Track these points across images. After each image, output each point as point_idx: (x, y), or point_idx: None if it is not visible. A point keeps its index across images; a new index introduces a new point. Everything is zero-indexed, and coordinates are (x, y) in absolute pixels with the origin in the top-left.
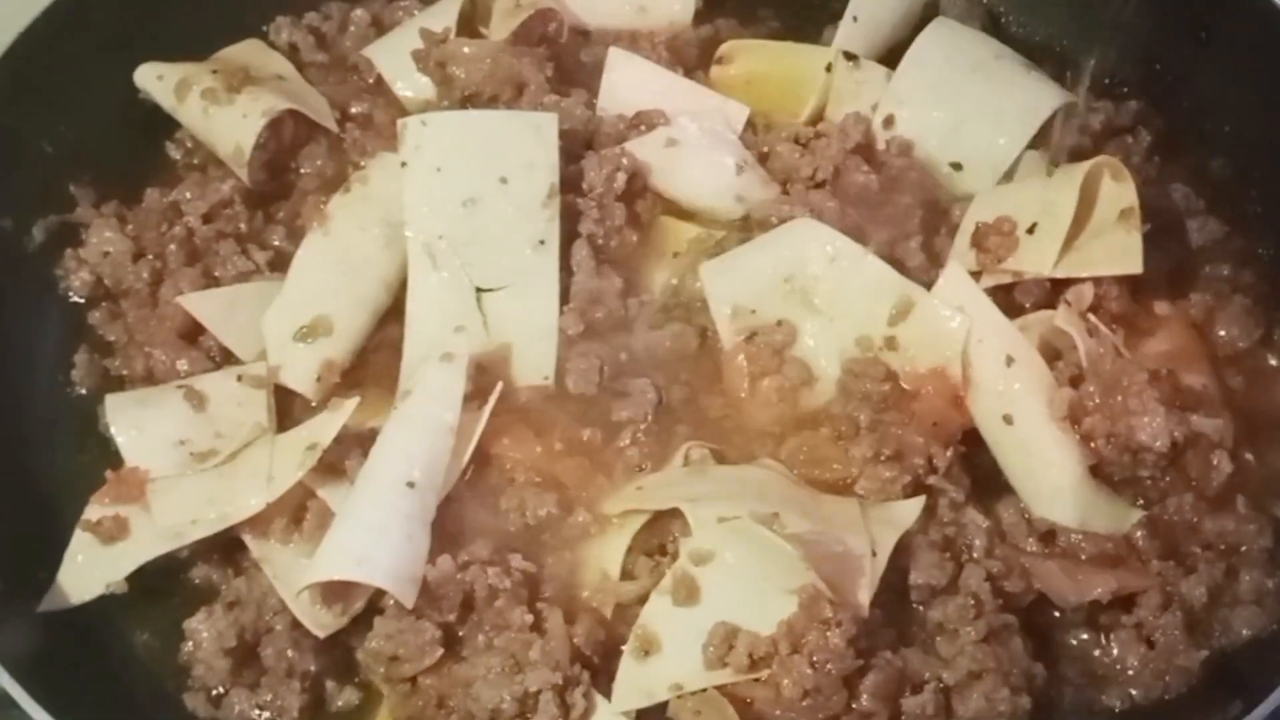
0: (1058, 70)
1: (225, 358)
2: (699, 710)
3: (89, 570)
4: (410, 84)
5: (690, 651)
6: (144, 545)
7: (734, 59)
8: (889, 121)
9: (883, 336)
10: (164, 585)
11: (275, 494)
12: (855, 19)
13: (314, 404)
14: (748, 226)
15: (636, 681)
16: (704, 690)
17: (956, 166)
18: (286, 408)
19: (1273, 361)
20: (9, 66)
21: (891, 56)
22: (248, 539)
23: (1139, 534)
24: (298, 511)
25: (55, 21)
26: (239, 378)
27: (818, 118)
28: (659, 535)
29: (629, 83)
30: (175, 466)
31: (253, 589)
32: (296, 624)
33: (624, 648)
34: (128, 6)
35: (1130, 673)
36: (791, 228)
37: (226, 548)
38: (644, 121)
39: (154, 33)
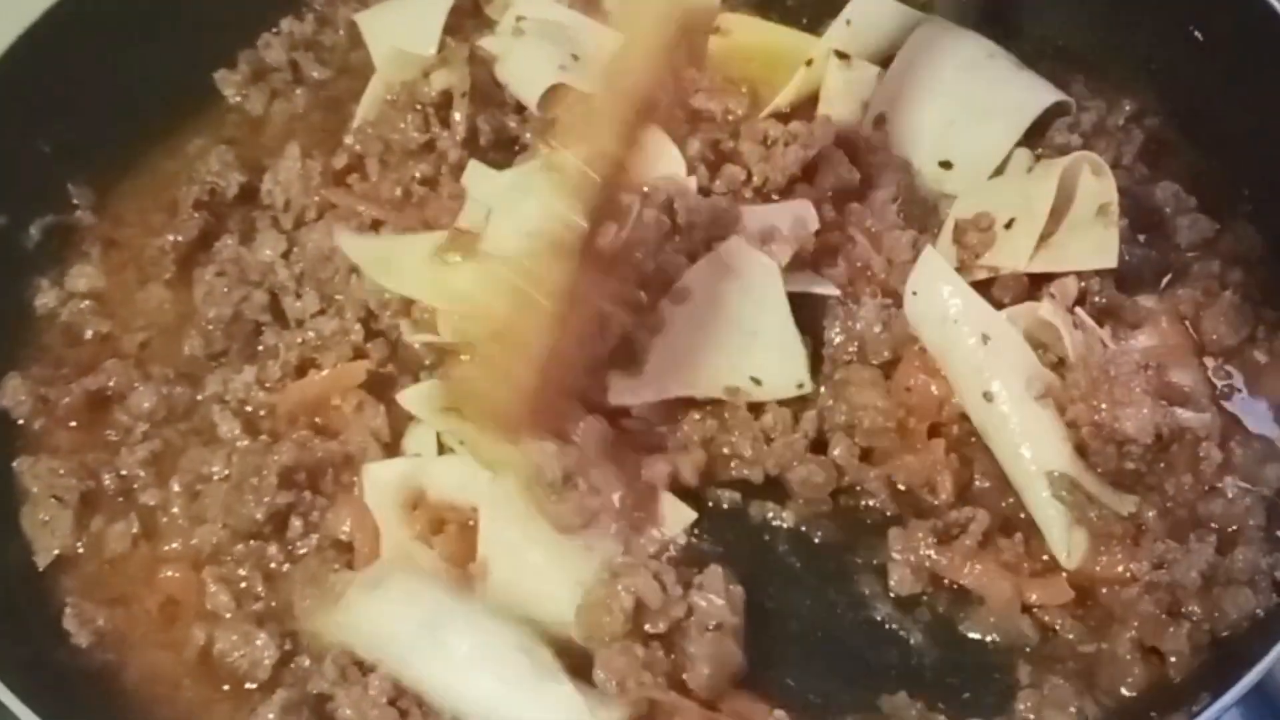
0: (1053, 69)
1: None
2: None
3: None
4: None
5: None
6: None
7: (731, 31)
8: (879, 121)
9: None
10: None
11: None
12: (849, 22)
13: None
14: None
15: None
16: None
17: (946, 165)
18: None
19: (1260, 358)
20: (9, 66)
21: (886, 61)
22: None
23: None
24: None
25: (56, 23)
26: None
27: (802, 107)
28: None
29: None
30: None
31: None
32: None
33: None
34: (128, 9)
35: (1120, 657)
36: None
37: None
38: None
39: (154, 35)
